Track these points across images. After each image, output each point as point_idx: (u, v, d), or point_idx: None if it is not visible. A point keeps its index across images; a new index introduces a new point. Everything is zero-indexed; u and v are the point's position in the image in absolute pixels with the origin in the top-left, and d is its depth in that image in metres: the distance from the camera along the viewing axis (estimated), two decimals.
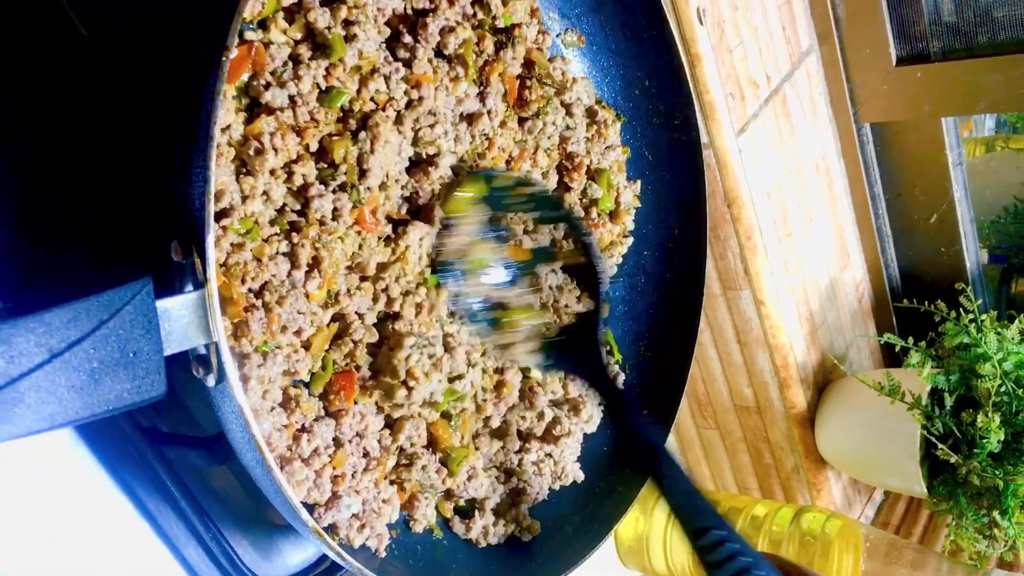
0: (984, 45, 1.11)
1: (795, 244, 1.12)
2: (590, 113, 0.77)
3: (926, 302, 1.11)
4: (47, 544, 0.55)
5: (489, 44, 0.67)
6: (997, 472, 1.02)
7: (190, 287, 0.46)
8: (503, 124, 0.70)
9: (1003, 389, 1.03)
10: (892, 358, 1.31)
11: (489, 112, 0.68)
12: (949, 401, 1.06)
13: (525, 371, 0.72)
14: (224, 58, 0.47)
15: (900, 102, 1.16)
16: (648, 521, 1.08)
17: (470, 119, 0.67)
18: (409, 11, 0.63)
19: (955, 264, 1.27)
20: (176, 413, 0.61)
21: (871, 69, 1.16)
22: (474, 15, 0.67)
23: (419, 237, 0.63)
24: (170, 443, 0.59)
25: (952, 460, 1.04)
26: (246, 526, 0.65)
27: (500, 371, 0.70)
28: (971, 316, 1.07)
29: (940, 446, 1.04)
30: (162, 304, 0.44)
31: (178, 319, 0.45)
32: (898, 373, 1.11)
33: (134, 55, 0.58)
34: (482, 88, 0.67)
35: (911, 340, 1.11)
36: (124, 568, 0.59)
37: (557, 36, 0.76)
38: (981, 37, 1.10)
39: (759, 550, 1.04)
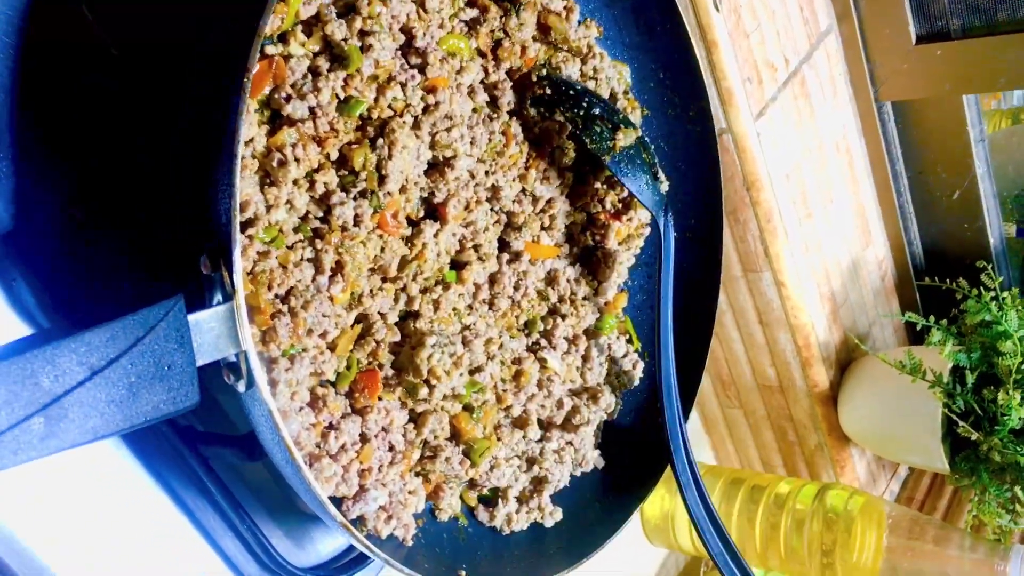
0: (1004, 22, 1.10)
1: (815, 225, 1.13)
2: (611, 97, 0.79)
3: (948, 280, 1.12)
4: (92, 539, 0.58)
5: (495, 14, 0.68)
6: (1019, 448, 1.03)
7: (219, 299, 0.48)
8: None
9: None
10: (915, 336, 1.32)
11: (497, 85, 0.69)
12: (971, 378, 1.07)
13: (542, 361, 0.74)
14: (246, 79, 0.50)
15: (921, 80, 1.16)
16: (674, 499, 1.10)
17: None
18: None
19: (978, 240, 1.27)
20: (211, 413, 0.64)
21: (891, 48, 1.16)
22: None
23: (433, 233, 0.66)
24: (206, 442, 0.62)
25: (973, 437, 1.05)
26: (280, 517, 0.69)
27: (517, 361, 0.72)
28: (992, 293, 1.08)
29: (961, 423, 1.05)
30: (193, 318, 0.47)
31: (209, 331, 0.47)
32: (920, 351, 1.12)
33: (159, 72, 0.60)
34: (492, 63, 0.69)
35: (932, 318, 1.12)
36: (165, 559, 0.62)
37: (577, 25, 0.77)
38: (1001, 14, 1.10)
39: (783, 528, 1.07)
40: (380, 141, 0.61)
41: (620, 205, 0.80)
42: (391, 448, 0.64)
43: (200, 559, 0.63)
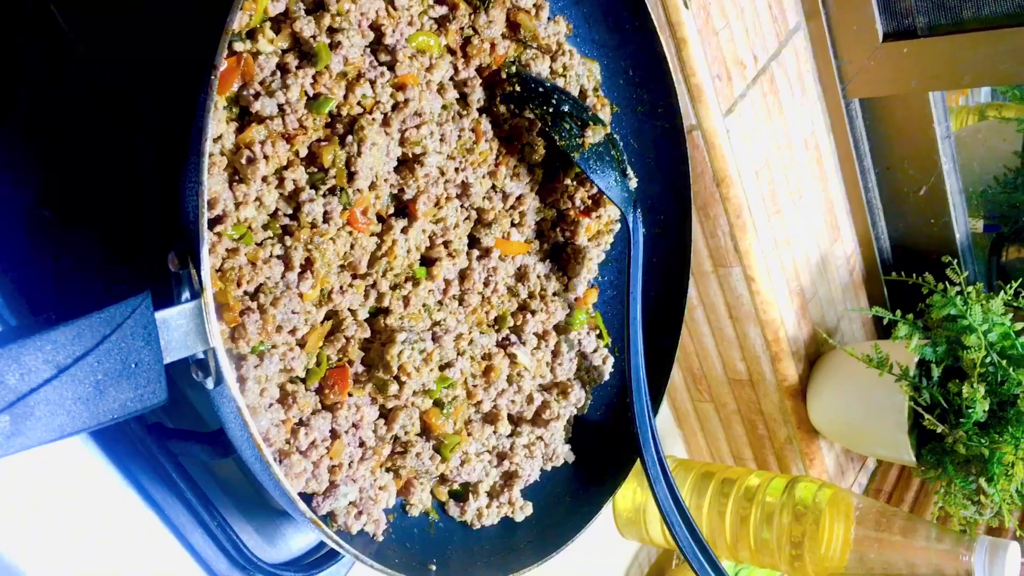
0: (969, 20, 1.12)
1: (785, 220, 1.14)
2: (581, 94, 0.79)
3: (915, 274, 1.13)
4: (61, 536, 0.58)
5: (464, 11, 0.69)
6: (983, 441, 1.05)
7: (187, 296, 0.49)
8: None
9: (988, 360, 1.05)
10: (883, 330, 1.34)
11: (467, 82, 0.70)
12: (936, 372, 1.09)
13: (512, 357, 0.74)
14: (213, 76, 0.50)
15: (887, 77, 1.18)
16: (645, 493, 1.11)
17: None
18: None
19: (945, 235, 1.29)
20: (181, 410, 0.64)
21: (858, 45, 1.17)
22: None
23: (402, 230, 0.66)
24: (175, 438, 0.62)
25: (939, 430, 1.06)
26: (250, 513, 0.69)
27: (488, 357, 0.73)
28: (958, 288, 1.09)
29: (927, 416, 1.07)
30: (161, 315, 0.47)
31: (177, 328, 0.48)
32: (887, 345, 1.13)
33: (128, 71, 0.60)
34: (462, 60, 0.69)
35: (899, 312, 1.13)
36: (135, 556, 0.62)
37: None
38: (966, 12, 1.11)
39: (753, 520, 1.08)
40: (349, 138, 0.61)
41: (590, 202, 0.80)
42: (361, 444, 0.65)
43: (170, 556, 0.63)
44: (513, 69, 0.72)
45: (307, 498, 0.61)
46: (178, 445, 0.62)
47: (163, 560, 0.63)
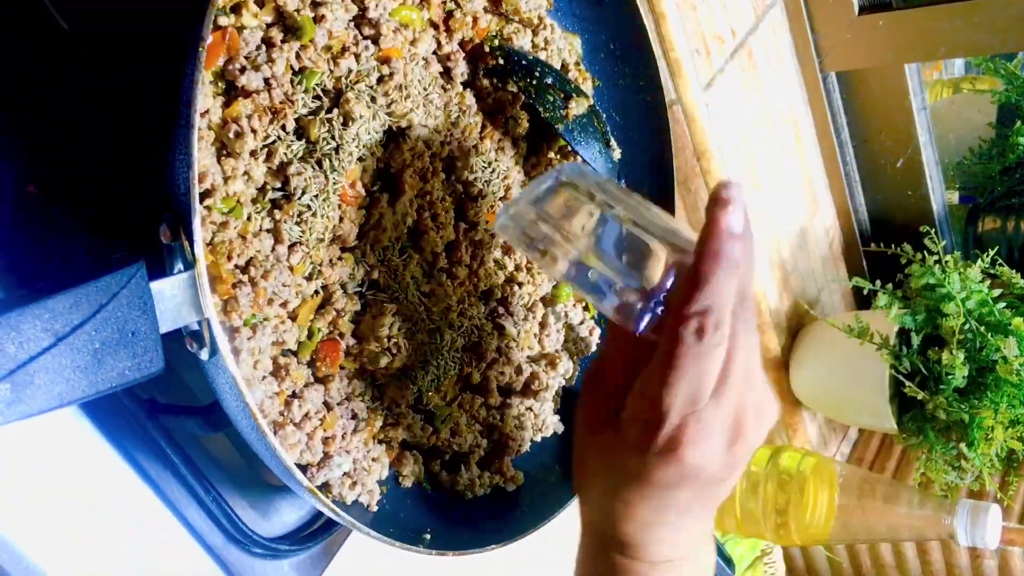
0: None
1: (765, 194, 1.15)
2: (563, 68, 0.79)
3: (893, 245, 1.15)
4: (56, 512, 0.58)
5: None
6: (963, 406, 1.07)
7: (180, 267, 0.49)
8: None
9: (967, 327, 1.07)
10: (863, 300, 1.35)
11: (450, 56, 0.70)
12: (916, 340, 1.10)
13: (500, 328, 0.75)
14: (200, 48, 0.50)
15: (863, 50, 1.19)
16: None
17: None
18: None
19: (922, 206, 1.31)
20: (173, 385, 0.64)
21: (834, 18, 1.18)
22: None
23: (388, 201, 0.66)
24: (168, 413, 0.62)
25: (920, 397, 1.08)
26: (244, 488, 0.69)
27: (477, 329, 0.73)
28: (936, 257, 1.11)
29: (908, 384, 1.08)
30: (155, 285, 0.47)
31: (171, 298, 0.48)
32: (867, 315, 1.15)
33: (113, 44, 0.60)
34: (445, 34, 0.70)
35: (879, 283, 1.15)
36: (129, 531, 0.62)
37: None
38: None
39: (739, 490, 1.09)
40: (335, 111, 0.62)
41: None
42: (354, 416, 0.65)
43: (165, 530, 0.64)
44: (496, 43, 0.73)
45: (302, 469, 0.61)
46: (172, 420, 0.62)
47: (158, 535, 0.63)
